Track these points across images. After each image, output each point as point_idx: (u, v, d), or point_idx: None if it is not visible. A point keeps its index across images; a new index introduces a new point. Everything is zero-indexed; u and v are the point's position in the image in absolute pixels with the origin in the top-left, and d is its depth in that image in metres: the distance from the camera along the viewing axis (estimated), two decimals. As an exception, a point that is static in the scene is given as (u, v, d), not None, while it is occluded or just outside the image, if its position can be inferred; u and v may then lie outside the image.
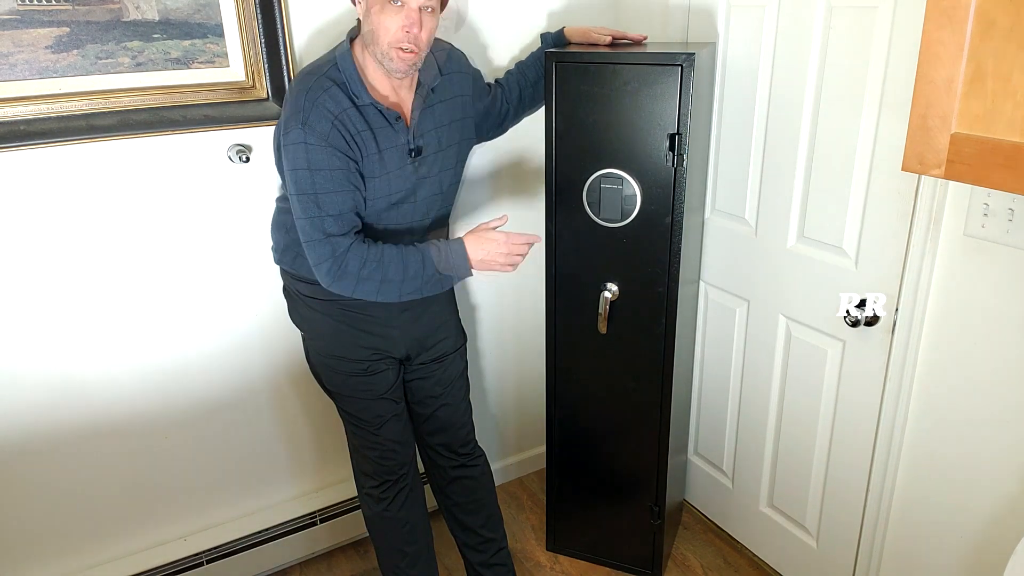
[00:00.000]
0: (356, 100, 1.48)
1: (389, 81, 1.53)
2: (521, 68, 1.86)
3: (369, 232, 1.59)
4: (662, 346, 1.87)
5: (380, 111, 1.51)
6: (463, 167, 1.75)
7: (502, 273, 1.98)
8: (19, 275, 1.66)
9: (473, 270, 1.57)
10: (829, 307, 1.77)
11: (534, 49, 1.92)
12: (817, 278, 1.79)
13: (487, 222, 1.60)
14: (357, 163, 1.50)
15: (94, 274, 1.74)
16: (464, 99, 1.70)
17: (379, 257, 1.50)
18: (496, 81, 1.86)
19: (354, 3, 1.51)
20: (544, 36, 1.88)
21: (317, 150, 1.44)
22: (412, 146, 1.57)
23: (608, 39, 1.84)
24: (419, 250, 1.53)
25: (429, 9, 1.45)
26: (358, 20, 1.52)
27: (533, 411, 2.58)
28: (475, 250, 1.55)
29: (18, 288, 1.67)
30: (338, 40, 1.83)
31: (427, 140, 1.60)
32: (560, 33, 1.86)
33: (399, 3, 1.42)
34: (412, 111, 1.58)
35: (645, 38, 1.91)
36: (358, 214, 1.54)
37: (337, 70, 1.49)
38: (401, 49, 1.44)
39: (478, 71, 1.77)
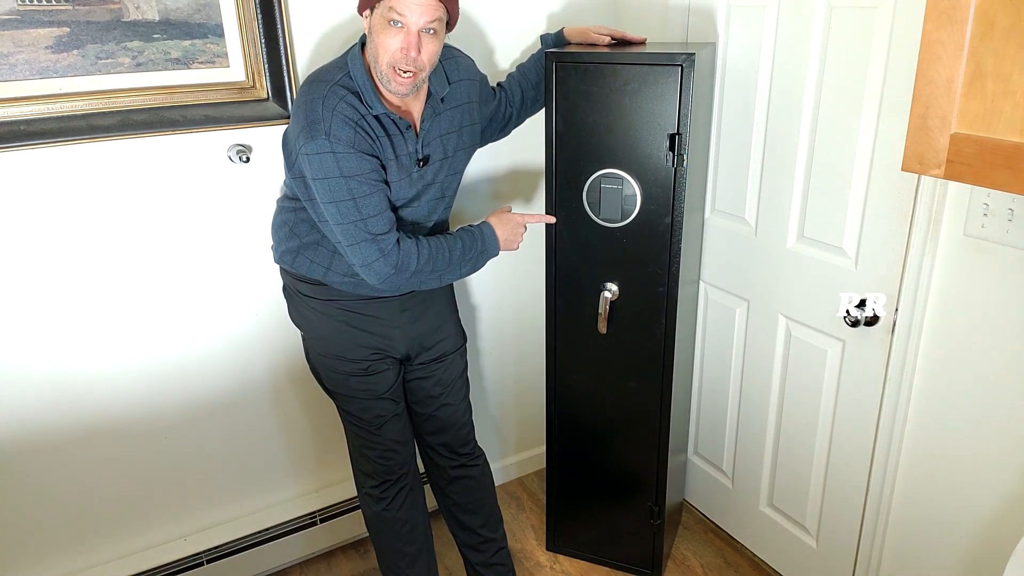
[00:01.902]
0: (370, 109, 1.48)
1: None
2: (522, 70, 1.86)
3: None
4: (662, 346, 1.87)
5: (393, 120, 1.52)
6: (464, 170, 1.75)
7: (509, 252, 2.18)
8: (19, 275, 1.67)
9: (500, 250, 1.70)
10: (829, 307, 1.77)
11: (534, 51, 1.92)
12: (817, 278, 1.79)
13: (503, 208, 1.75)
14: (381, 161, 1.51)
15: (94, 274, 1.74)
16: (471, 106, 1.70)
17: (426, 250, 1.56)
18: (498, 84, 1.86)
19: (362, 16, 1.50)
20: (544, 37, 1.88)
21: (347, 157, 1.44)
22: (420, 155, 1.58)
23: (607, 39, 1.84)
24: (456, 237, 1.63)
25: (431, 31, 1.44)
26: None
27: (533, 411, 2.58)
28: (502, 231, 1.69)
29: (18, 288, 1.67)
30: (338, 40, 1.84)
31: (433, 148, 1.61)
32: (560, 34, 1.86)
33: (399, 25, 1.41)
34: (422, 120, 1.58)
35: (644, 41, 1.91)
36: (392, 211, 1.55)
37: (349, 78, 1.49)
38: (399, 71, 1.44)
39: (484, 76, 1.77)
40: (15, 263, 1.65)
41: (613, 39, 1.85)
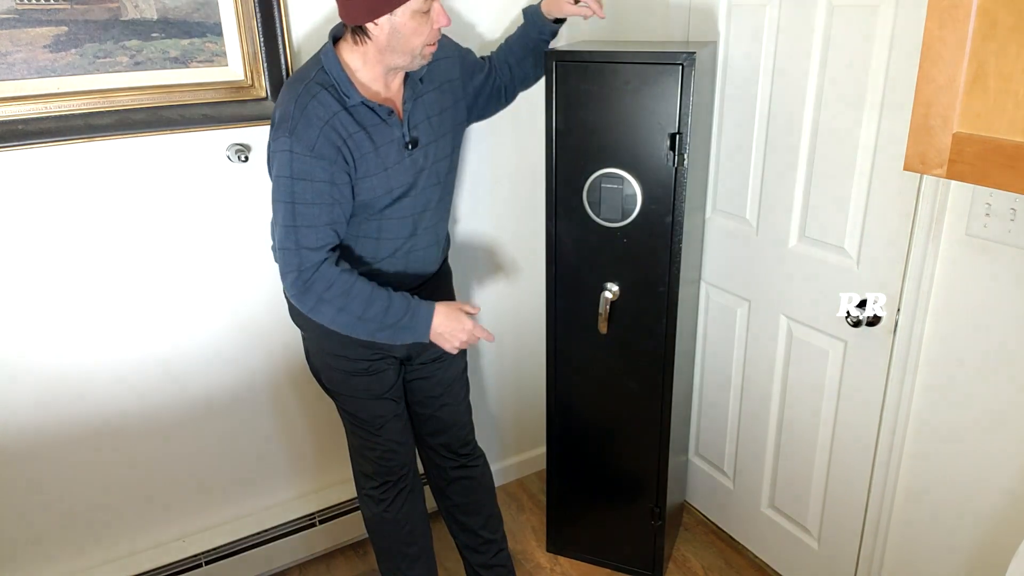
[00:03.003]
0: (347, 101, 1.48)
1: (382, 78, 1.53)
2: (508, 44, 1.84)
3: (373, 227, 1.58)
4: (663, 346, 1.87)
5: (372, 108, 1.51)
6: (458, 155, 1.74)
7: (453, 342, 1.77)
8: (18, 275, 1.66)
9: (430, 339, 1.58)
10: (830, 307, 1.77)
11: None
12: (818, 278, 1.78)
13: (464, 304, 1.63)
14: (348, 173, 1.49)
15: (93, 274, 1.74)
16: (453, 84, 1.69)
17: (347, 287, 1.49)
18: (487, 57, 1.83)
19: (374, 23, 1.43)
20: (525, 11, 1.83)
21: (301, 159, 1.44)
22: (408, 139, 1.57)
23: (580, 12, 1.72)
24: (389, 296, 1.53)
25: None
26: (343, 24, 1.49)
27: (533, 411, 2.57)
28: (441, 322, 1.57)
29: (17, 288, 1.67)
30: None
31: (421, 130, 1.60)
32: (537, 8, 1.79)
33: (427, 9, 1.44)
34: (404, 103, 1.57)
35: (602, 15, 1.79)
36: (336, 231, 1.51)
37: (324, 73, 1.48)
38: (432, 45, 1.50)
39: (468, 49, 1.75)
40: (14, 262, 1.65)
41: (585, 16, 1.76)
